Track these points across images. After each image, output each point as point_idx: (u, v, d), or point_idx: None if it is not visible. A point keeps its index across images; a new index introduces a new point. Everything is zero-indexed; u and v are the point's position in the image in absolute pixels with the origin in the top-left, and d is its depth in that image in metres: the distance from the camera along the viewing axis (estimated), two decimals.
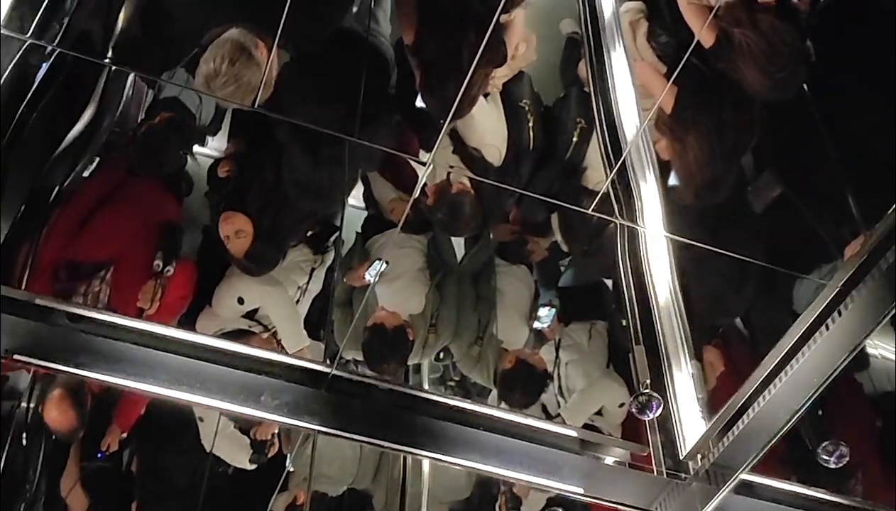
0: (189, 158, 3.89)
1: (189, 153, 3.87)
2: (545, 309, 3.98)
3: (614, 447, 2.71)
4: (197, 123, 3.85)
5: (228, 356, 2.47)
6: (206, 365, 2.46)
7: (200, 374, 2.42)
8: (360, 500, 4.37)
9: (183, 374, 2.42)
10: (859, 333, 2.25)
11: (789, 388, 2.36)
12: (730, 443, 2.50)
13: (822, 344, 2.29)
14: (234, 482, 4.25)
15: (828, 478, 2.69)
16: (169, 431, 3.94)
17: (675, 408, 2.76)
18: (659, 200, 3.24)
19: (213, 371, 2.45)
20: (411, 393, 2.63)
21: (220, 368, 2.45)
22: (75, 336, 2.38)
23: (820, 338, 2.27)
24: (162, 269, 3.60)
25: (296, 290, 3.82)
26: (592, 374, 3.74)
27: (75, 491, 3.98)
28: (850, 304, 2.21)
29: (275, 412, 2.42)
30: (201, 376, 2.41)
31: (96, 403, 3.73)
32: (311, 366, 2.51)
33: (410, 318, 3.76)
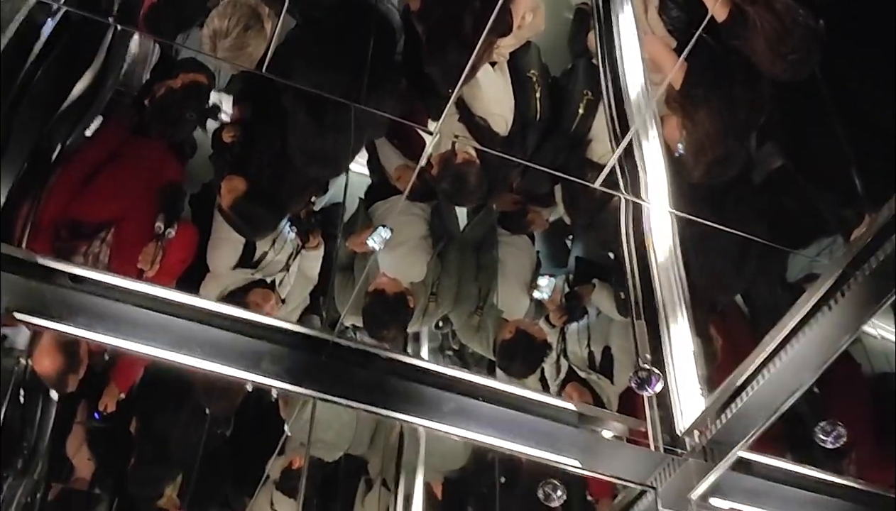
0: (201, 126, 3.88)
1: (202, 119, 3.86)
2: (545, 279, 3.98)
3: (612, 421, 2.71)
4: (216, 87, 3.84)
5: (229, 320, 2.47)
6: (206, 328, 2.46)
7: (200, 338, 2.42)
8: (356, 466, 4.39)
9: (182, 337, 2.41)
10: (861, 316, 2.24)
11: (789, 368, 2.36)
12: (728, 420, 2.50)
13: (823, 325, 2.29)
14: (232, 445, 4.27)
15: (824, 457, 2.69)
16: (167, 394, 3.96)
17: (674, 384, 2.76)
18: (665, 176, 3.22)
19: (213, 335, 2.45)
20: (410, 361, 2.62)
21: (219, 332, 2.45)
22: (75, 296, 2.37)
23: (822, 318, 2.26)
24: (163, 231, 3.60)
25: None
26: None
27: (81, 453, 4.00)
28: (853, 286, 2.20)
29: (274, 378, 2.41)
30: (201, 340, 2.41)
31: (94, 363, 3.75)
32: (312, 332, 2.50)
33: (411, 285, 3.77)
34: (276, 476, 4.21)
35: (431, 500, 4.29)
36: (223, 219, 3.63)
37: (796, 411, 2.66)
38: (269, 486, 4.29)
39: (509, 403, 2.63)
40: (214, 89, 3.85)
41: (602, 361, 3.91)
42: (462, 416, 2.60)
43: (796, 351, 2.34)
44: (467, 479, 4.26)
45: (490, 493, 4.06)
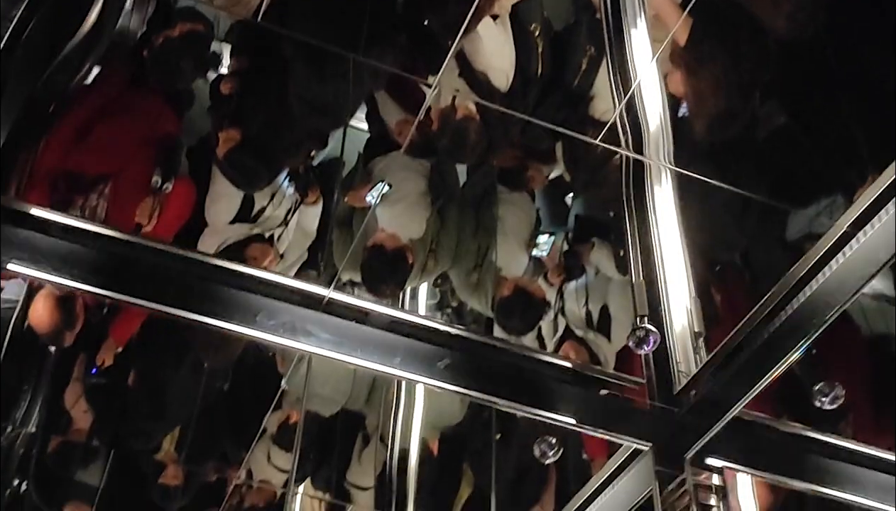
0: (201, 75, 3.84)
1: (203, 68, 3.83)
2: (545, 237, 3.97)
3: (609, 379, 2.70)
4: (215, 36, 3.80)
5: (226, 274, 2.45)
6: (203, 282, 2.44)
7: (197, 291, 2.40)
8: (353, 421, 4.40)
9: (178, 290, 2.40)
10: (861, 277, 2.22)
11: (788, 328, 2.34)
12: (725, 379, 2.49)
13: (823, 285, 2.27)
14: (229, 399, 4.28)
15: (821, 418, 2.69)
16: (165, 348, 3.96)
17: (671, 342, 2.75)
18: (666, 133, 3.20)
19: (210, 288, 2.43)
20: (407, 317, 2.61)
21: (216, 286, 2.43)
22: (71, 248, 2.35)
23: (822, 278, 2.25)
24: (160, 185, 3.58)
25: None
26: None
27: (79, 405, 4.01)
28: (854, 246, 2.18)
29: (270, 332, 2.40)
30: (197, 293, 2.39)
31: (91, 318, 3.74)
32: (308, 287, 2.48)
33: (410, 241, 3.75)
34: (273, 430, 4.23)
35: (427, 456, 4.31)
36: (219, 170, 3.61)
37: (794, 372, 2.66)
38: (266, 440, 4.31)
39: (506, 360, 2.62)
40: (214, 39, 3.82)
41: (599, 320, 3.91)
42: (458, 372, 2.59)
43: (795, 311, 2.33)
44: (463, 435, 4.28)
45: (486, 449, 4.08)
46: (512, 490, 4.11)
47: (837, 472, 2.63)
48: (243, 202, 3.78)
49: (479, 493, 4.21)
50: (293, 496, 4.42)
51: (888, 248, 2.13)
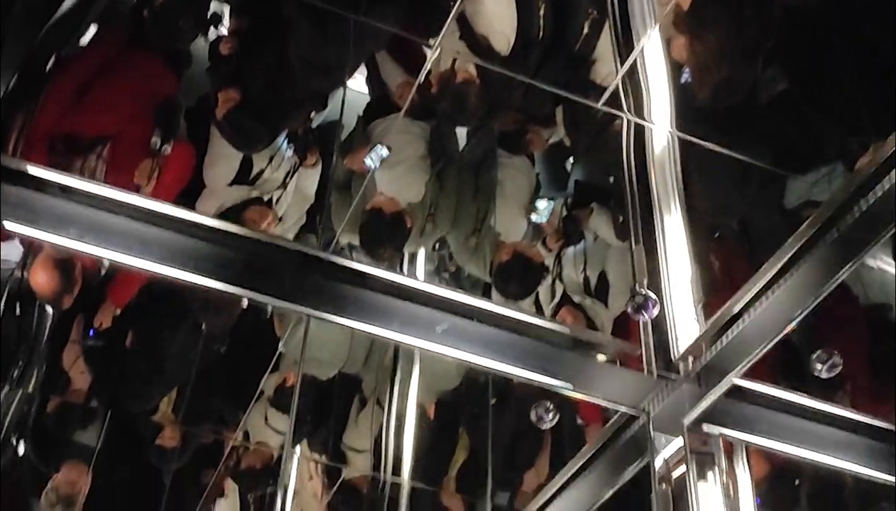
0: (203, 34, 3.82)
1: (204, 27, 3.80)
2: (544, 202, 3.96)
3: (606, 345, 2.70)
4: None
5: (223, 235, 2.43)
6: (201, 243, 2.42)
7: (194, 253, 2.38)
8: (350, 384, 4.41)
9: (176, 251, 2.38)
10: (861, 246, 2.21)
11: (787, 296, 2.33)
12: (723, 347, 2.48)
13: (823, 253, 2.26)
14: (227, 362, 4.29)
15: (818, 386, 2.69)
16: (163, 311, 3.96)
17: (670, 309, 2.74)
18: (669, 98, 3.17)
19: (207, 250, 2.41)
20: (405, 281, 2.59)
21: (213, 247, 2.41)
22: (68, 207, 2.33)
23: (823, 246, 2.24)
24: (160, 147, 3.56)
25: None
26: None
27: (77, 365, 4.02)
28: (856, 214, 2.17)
29: (267, 294, 2.39)
30: (194, 255, 2.38)
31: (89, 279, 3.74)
32: (306, 250, 2.47)
33: (409, 205, 3.74)
34: (271, 393, 4.24)
35: (424, 420, 4.32)
36: (218, 131, 3.59)
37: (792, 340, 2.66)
38: (264, 403, 4.33)
39: (503, 325, 2.61)
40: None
41: (597, 286, 3.90)
42: (456, 336, 2.58)
43: (795, 279, 2.32)
44: (460, 399, 4.29)
45: (482, 414, 4.09)
46: (507, 455, 4.13)
47: (834, 440, 2.63)
48: (242, 164, 3.76)
49: (474, 458, 4.23)
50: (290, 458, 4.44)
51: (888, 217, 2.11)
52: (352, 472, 4.44)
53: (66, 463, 4.25)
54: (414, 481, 4.13)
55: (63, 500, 4.20)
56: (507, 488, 4.18)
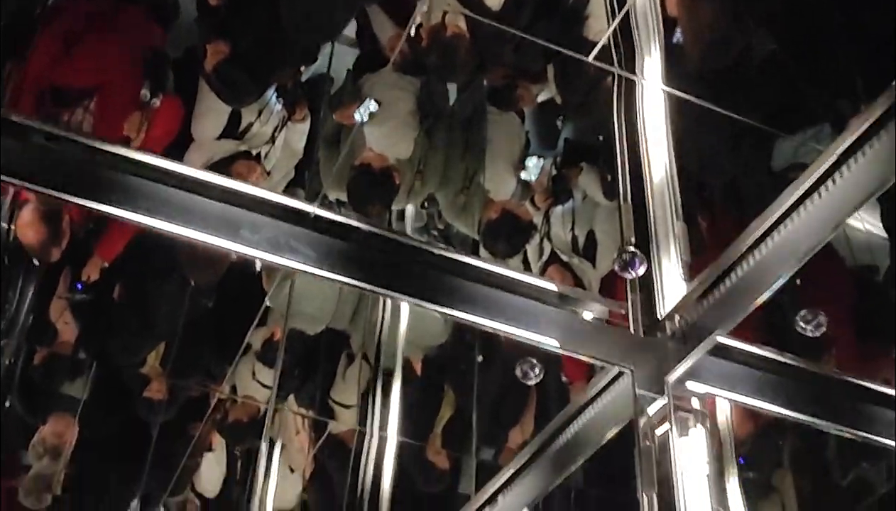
0: None
1: None
2: (533, 160, 3.95)
3: (593, 303, 2.69)
4: None
5: (209, 188, 2.42)
6: (187, 195, 2.40)
7: (180, 204, 2.37)
8: (337, 339, 4.43)
9: (162, 202, 2.36)
10: (848, 207, 2.21)
11: (774, 255, 2.34)
12: (709, 305, 2.49)
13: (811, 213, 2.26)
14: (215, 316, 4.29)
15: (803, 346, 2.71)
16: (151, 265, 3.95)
17: (657, 267, 2.74)
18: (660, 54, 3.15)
19: (193, 202, 2.40)
20: (392, 236, 2.59)
21: (200, 199, 2.40)
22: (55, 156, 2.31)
23: (811, 206, 2.24)
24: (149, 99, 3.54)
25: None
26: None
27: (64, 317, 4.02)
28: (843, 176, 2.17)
29: (254, 247, 2.38)
30: (180, 206, 2.36)
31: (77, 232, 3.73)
32: (294, 203, 2.46)
33: (398, 161, 3.73)
34: (258, 347, 4.25)
35: (411, 376, 4.34)
36: (207, 84, 3.56)
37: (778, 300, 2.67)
38: (251, 357, 4.34)
39: (490, 282, 2.61)
40: None
41: (585, 245, 3.91)
42: (444, 292, 2.58)
43: (781, 239, 2.32)
44: (446, 356, 4.31)
45: (468, 370, 4.11)
46: (493, 412, 4.15)
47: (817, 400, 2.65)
48: (230, 118, 3.74)
49: (460, 414, 4.26)
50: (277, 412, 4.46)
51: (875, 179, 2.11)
52: (339, 427, 4.46)
53: (52, 414, 4.26)
54: (400, 436, 4.15)
55: (50, 452, 4.22)
56: (492, 445, 4.21)
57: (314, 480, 4.61)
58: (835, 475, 3.40)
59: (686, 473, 2.40)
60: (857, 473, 3.41)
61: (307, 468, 4.63)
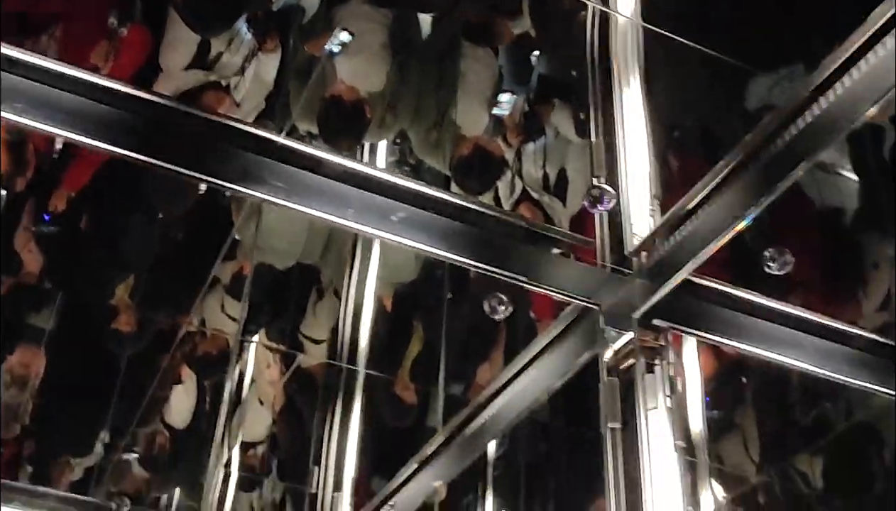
0: None
1: None
2: (506, 95, 3.92)
3: (561, 238, 2.70)
4: None
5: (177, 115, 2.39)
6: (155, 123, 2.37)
7: (145, 130, 2.33)
8: (307, 274, 4.42)
9: (128, 129, 2.33)
10: (818, 145, 2.21)
11: (741, 194, 2.34)
12: (676, 243, 2.49)
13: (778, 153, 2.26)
14: (184, 248, 4.27)
15: (769, 284, 2.73)
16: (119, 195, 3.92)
17: (626, 204, 2.74)
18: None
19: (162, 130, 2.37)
20: (362, 169, 2.56)
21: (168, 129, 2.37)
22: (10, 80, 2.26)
23: (781, 143, 2.23)
24: (116, 28, 3.48)
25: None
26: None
27: (29, 248, 3.98)
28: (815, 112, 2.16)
29: (220, 177, 2.35)
30: (146, 132, 2.33)
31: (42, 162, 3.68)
32: (262, 132, 2.43)
33: (369, 95, 3.69)
34: (227, 280, 4.24)
35: (381, 312, 4.35)
36: (175, 13, 3.50)
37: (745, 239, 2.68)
38: (220, 290, 4.33)
39: (460, 216, 2.60)
40: None
41: (556, 183, 3.90)
42: (414, 227, 2.57)
43: (750, 177, 2.32)
44: (416, 292, 4.32)
45: (438, 307, 4.12)
46: (462, 348, 4.17)
47: (783, 338, 2.67)
48: (199, 48, 3.68)
49: (429, 350, 4.28)
50: (247, 346, 4.47)
51: (845, 118, 2.11)
52: (308, 361, 4.48)
53: (19, 345, 4.25)
54: (369, 370, 4.17)
55: (17, 382, 4.22)
56: (461, 381, 4.24)
57: (284, 414, 4.64)
58: (796, 414, 3.46)
59: (651, 409, 2.42)
60: (818, 412, 3.47)
61: (277, 402, 4.66)
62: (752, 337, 2.65)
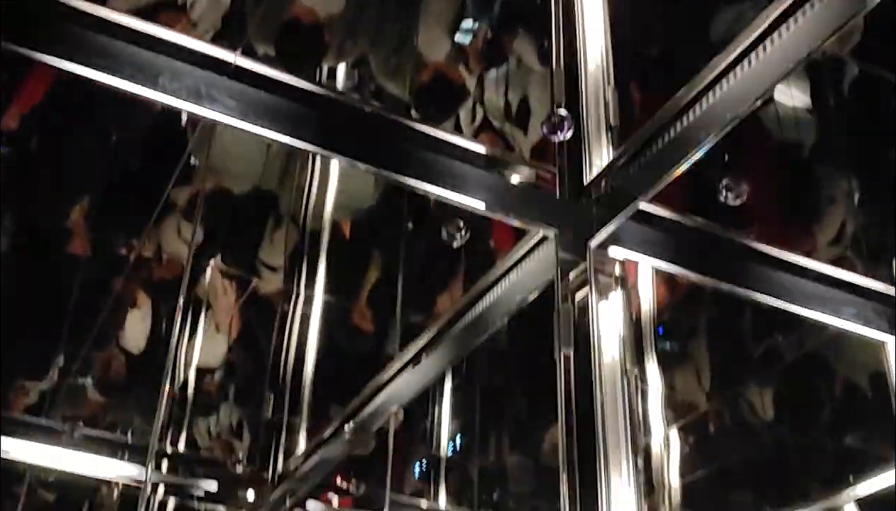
0: None
1: None
2: (469, 22, 3.87)
3: (520, 166, 2.69)
4: None
5: (128, 32, 2.33)
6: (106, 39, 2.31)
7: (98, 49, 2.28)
8: (265, 200, 4.39)
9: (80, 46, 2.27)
10: (776, 75, 2.21)
11: (700, 123, 2.33)
12: (634, 171, 2.49)
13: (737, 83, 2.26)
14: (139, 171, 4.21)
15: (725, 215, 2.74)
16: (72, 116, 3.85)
17: (585, 132, 2.73)
18: None
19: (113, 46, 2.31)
20: (320, 91, 2.53)
21: (119, 44, 2.31)
22: None
23: (740, 73, 2.23)
24: None
25: None
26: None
27: None
28: (775, 42, 2.15)
29: (174, 95, 2.30)
30: (98, 51, 2.27)
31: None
32: (215, 52, 2.38)
33: (328, 17, 3.63)
34: (183, 204, 4.19)
35: (338, 240, 4.33)
36: None
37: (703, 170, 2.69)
38: (177, 215, 4.28)
39: (420, 142, 2.58)
40: None
41: (518, 112, 3.88)
42: (372, 150, 2.55)
43: (710, 106, 2.32)
44: (374, 220, 4.30)
45: (396, 235, 4.11)
46: (421, 277, 4.18)
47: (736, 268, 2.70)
48: None
49: (386, 278, 4.28)
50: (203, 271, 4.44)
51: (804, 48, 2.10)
52: (266, 287, 4.46)
53: None
54: (326, 296, 4.17)
55: None
56: (420, 310, 4.25)
57: (240, 340, 4.64)
58: (748, 344, 3.51)
59: (604, 336, 2.44)
60: (770, 343, 3.52)
61: (233, 328, 4.65)
62: (707, 267, 2.68)
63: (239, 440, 4.76)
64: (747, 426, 3.63)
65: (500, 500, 4.27)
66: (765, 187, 3.22)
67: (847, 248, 3.37)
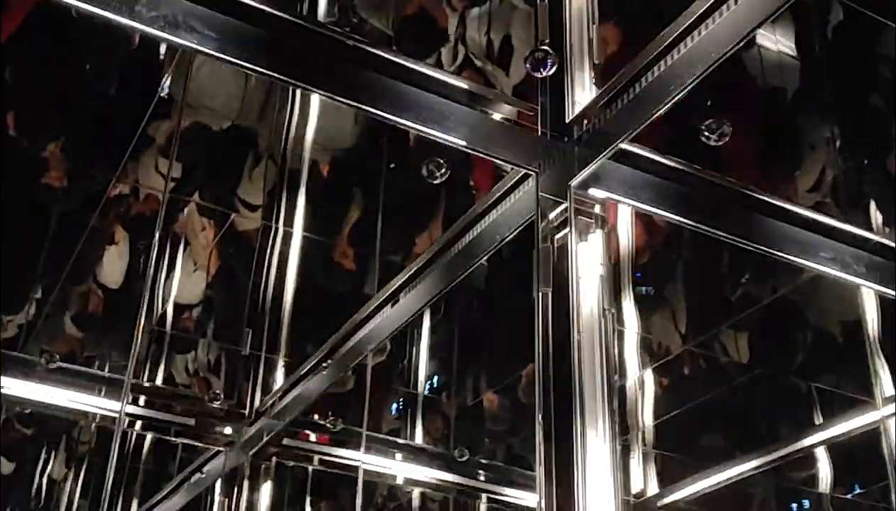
0: None
1: None
2: None
3: (502, 103, 2.67)
4: None
5: None
6: None
7: None
8: (244, 137, 4.34)
9: None
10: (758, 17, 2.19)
11: (683, 63, 2.32)
12: (616, 111, 2.48)
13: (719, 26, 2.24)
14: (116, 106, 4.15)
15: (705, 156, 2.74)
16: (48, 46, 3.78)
17: (569, 71, 2.71)
18: None
19: None
20: (302, 22, 2.49)
21: None
22: None
23: (720, 17, 2.21)
24: None
25: None
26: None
27: None
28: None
29: (150, 25, 2.26)
30: None
31: None
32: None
33: None
34: (162, 140, 4.15)
35: (318, 179, 4.31)
36: None
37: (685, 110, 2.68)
38: (155, 150, 4.24)
39: (401, 76, 2.56)
40: None
41: (500, 51, 3.83)
42: (352, 86, 2.52)
43: (694, 46, 2.31)
44: (354, 160, 4.27)
45: (376, 174, 4.09)
46: (401, 216, 4.16)
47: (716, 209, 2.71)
48: None
49: (367, 217, 4.26)
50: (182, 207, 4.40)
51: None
52: (244, 225, 4.44)
53: None
54: (306, 233, 4.16)
55: None
56: (400, 250, 4.24)
57: (218, 277, 4.62)
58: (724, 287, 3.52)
59: (583, 276, 2.45)
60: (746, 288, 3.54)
61: (211, 265, 4.63)
62: (689, 209, 2.68)
63: (217, 377, 4.77)
64: (721, 368, 3.66)
65: (477, 438, 4.30)
66: (747, 130, 3.21)
67: (826, 195, 3.38)
